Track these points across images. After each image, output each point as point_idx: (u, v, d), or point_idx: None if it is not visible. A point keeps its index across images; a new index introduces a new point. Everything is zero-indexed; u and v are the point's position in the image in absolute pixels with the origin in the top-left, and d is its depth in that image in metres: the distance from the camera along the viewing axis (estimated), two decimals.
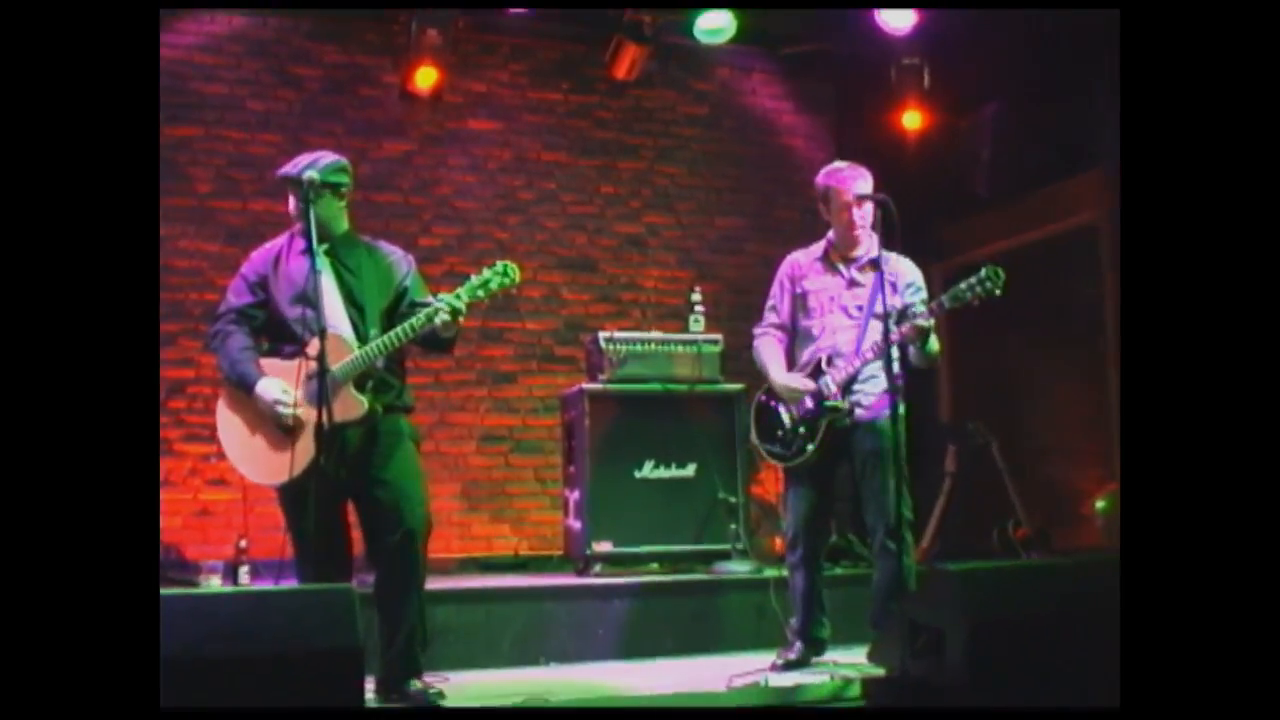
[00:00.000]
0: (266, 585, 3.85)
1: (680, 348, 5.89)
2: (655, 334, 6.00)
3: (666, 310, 7.14)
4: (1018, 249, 6.91)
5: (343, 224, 3.76)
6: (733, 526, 5.57)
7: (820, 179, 4.37)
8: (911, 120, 7.26)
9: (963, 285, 3.85)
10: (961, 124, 7.07)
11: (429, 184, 6.79)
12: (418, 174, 6.75)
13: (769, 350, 4.43)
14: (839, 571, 5.38)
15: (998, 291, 3.78)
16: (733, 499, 5.61)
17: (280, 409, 3.51)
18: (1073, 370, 6.86)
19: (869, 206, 4.19)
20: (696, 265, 7.33)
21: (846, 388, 4.18)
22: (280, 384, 3.53)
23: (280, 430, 3.47)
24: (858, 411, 4.20)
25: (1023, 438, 7.32)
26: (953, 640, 3.09)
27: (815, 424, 4.20)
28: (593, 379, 5.80)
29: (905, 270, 4.29)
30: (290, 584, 3.55)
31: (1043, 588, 3.38)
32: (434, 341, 3.68)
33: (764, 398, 4.39)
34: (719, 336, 5.98)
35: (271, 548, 4.20)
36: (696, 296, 6.18)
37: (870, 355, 4.09)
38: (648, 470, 5.65)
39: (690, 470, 5.68)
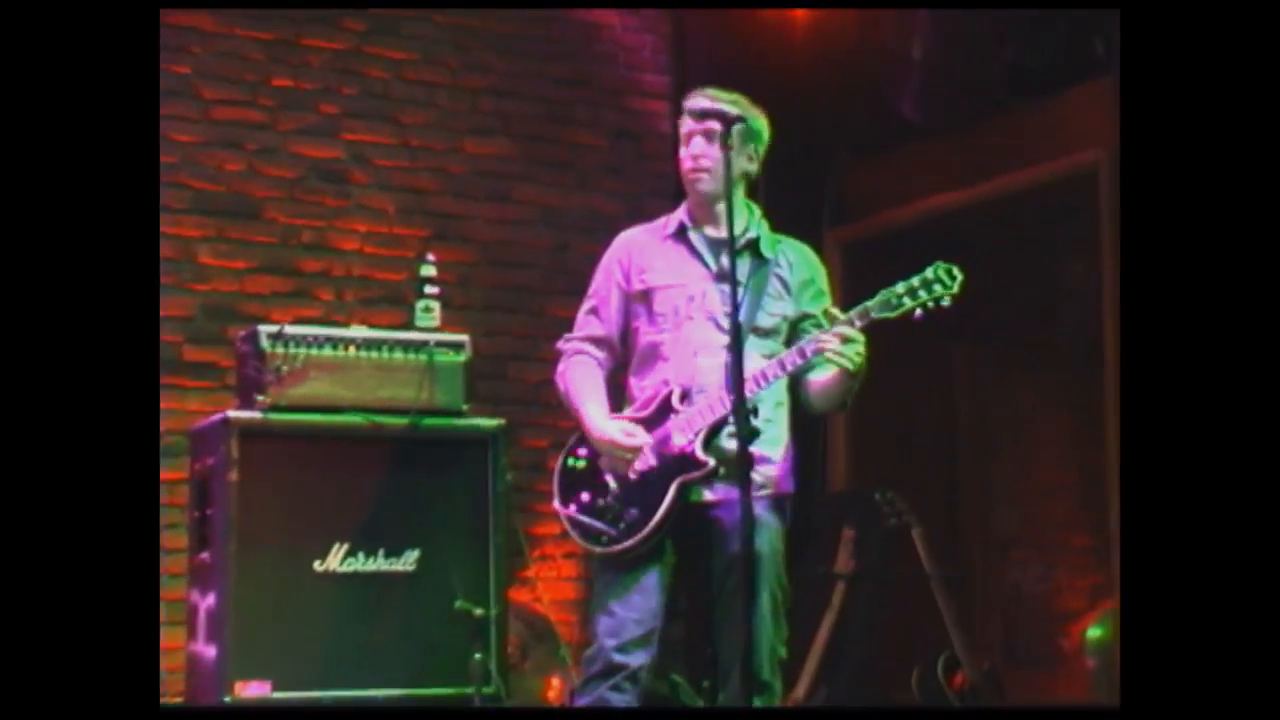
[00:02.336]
0: None
1: (399, 354, 5.95)
2: (358, 330, 6.01)
3: (378, 291, 7.20)
4: (969, 209, 7.14)
5: None
6: (478, 658, 5.60)
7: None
8: None
9: (900, 288, 4.12)
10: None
11: None
12: None
13: (582, 379, 4.62)
14: None
15: (947, 301, 4.10)
16: (479, 610, 5.67)
17: None
18: (1055, 410, 7.13)
19: (711, 143, 4.44)
20: (432, 217, 7.40)
21: (710, 439, 4.35)
22: None
23: None
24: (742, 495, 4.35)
25: (969, 521, 7.68)
26: None
27: (658, 492, 4.36)
28: (247, 403, 5.77)
29: (800, 261, 4.49)
30: None
31: None
32: None
33: (579, 451, 4.58)
34: (465, 338, 6.06)
35: None
36: (429, 269, 6.28)
37: (755, 388, 4.27)
38: (336, 560, 5.67)
39: (409, 561, 5.75)
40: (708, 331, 4.44)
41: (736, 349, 4.04)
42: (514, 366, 7.25)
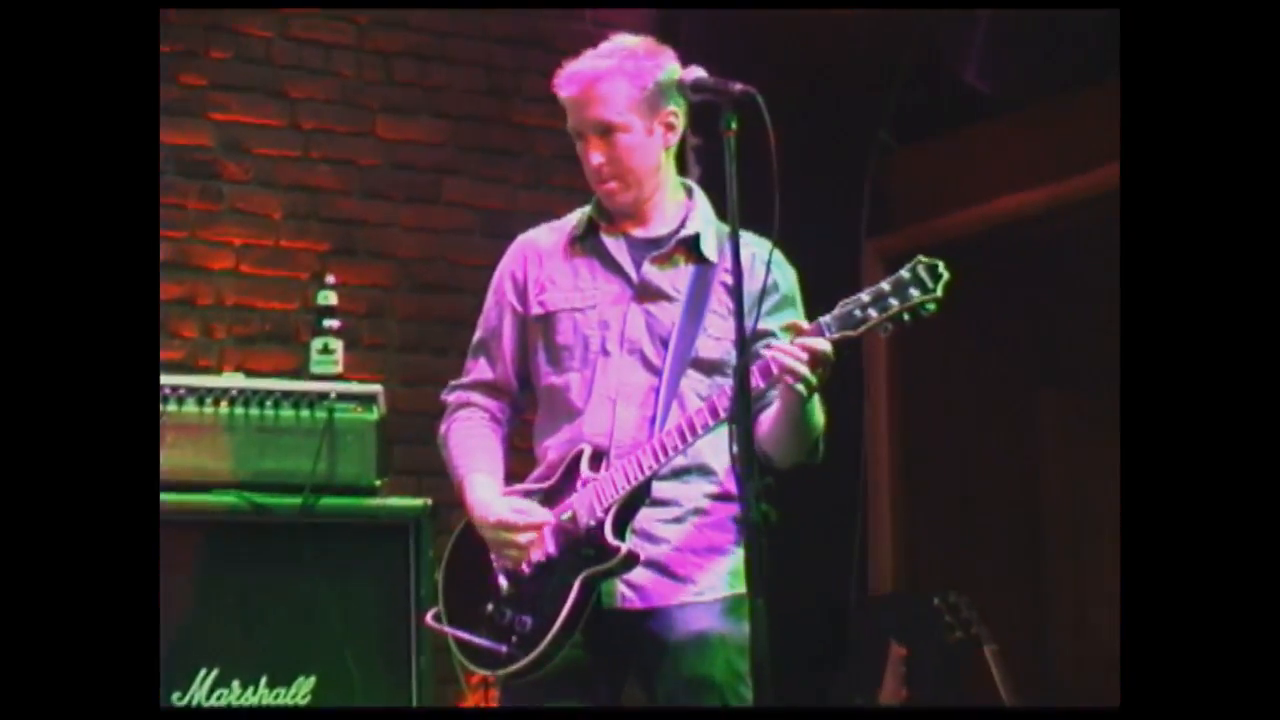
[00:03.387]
0: None
1: (289, 412, 5.92)
2: (232, 379, 6.02)
3: (260, 325, 7.12)
4: (1054, 211, 7.14)
5: None
6: None
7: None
8: None
9: (865, 295, 4.10)
10: None
11: None
12: None
13: (466, 441, 4.61)
14: None
15: (931, 308, 4.06)
16: None
17: None
18: None
19: (607, 140, 4.43)
20: (333, 225, 7.29)
21: (623, 517, 4.25)
22: None
23: None
24: (683, 595, 4.33)
25: (1059, 632, 7.67)
26: None
27: (558, 591, 4.28)
28: None
29: (757, 262, 4.32)
30: None
31: None
32: None
33: (463, 538, 4.55)
34: (377, 389, 6.05)
35: None
36: (329, 296, 6.26)
37: (680, 442, 4.21)
38: (202, 691, 5.57)
39: (302, 692, 5.68)
40: (631, 371, 4.36)
41: (743, 397, 3.84)
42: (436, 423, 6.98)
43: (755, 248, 4.30)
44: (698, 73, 4.19)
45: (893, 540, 7.61)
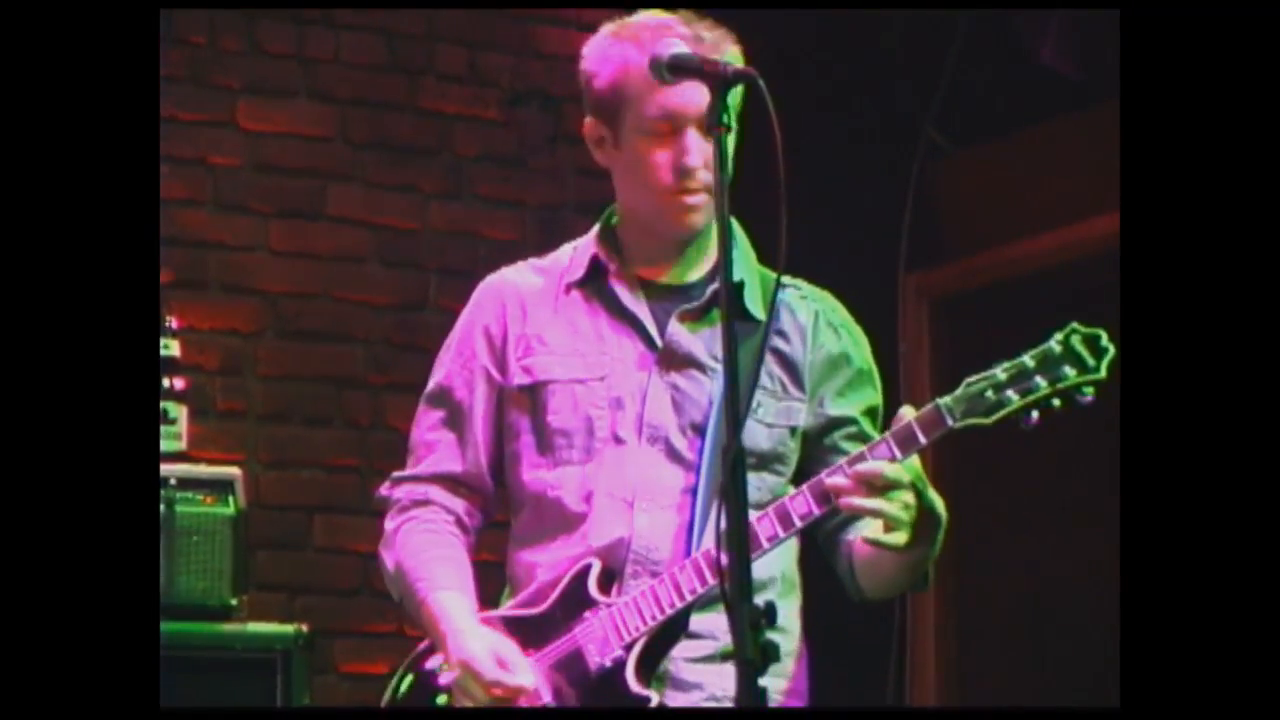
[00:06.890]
0: None
1: None
2: None
3: None
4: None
5: None
6: None
7: (590, 55, 4.55)
8: None
9: (1000, 373, 4.17)
10: None
11: None
12: None
13: (425, 550, 4.56)
14: None
15: (1087, 393, 4.15)
16: None
17: None
18: None
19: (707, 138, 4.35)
20: (172, 250, 7.16)
21: (651, 657, 4.27)
22: None
23: None
24: None
25: None
26: None
27: None
28: None
29: (819, 323, 4.48)
30: None
31: None
32: None
33: (415, 676, 4.49)
34: (235, 473, 6.31)
35: None
36: (170, 346, 6.44)
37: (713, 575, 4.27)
38: None
39: None
40: (653, 463, 4.38)
41: (737, 489, 3.74)
42: (324, 524, 7.30)
43: (815, 302, 4.40)
44: (676, 48, 4.14)
45: (936, 645, 7.85)
